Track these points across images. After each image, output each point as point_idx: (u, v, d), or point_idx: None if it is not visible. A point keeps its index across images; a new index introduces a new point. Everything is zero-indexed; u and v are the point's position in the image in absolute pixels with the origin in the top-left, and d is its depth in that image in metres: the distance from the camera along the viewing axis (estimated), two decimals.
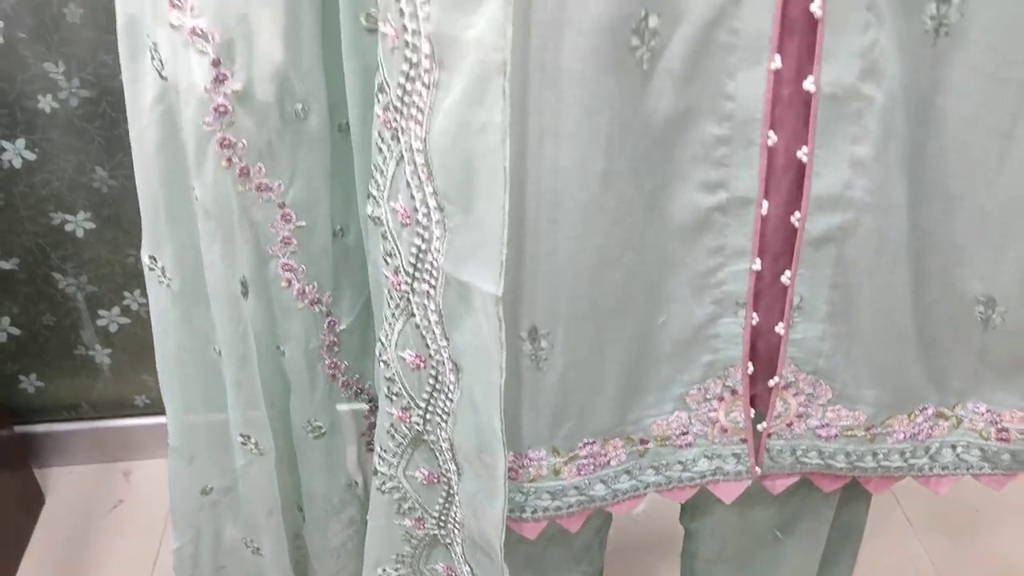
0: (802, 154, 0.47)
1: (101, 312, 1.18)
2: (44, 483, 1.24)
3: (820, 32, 0.44)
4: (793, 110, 0.46)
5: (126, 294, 1.17)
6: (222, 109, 0.50)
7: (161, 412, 1.23)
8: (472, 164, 0.46)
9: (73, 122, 1.03)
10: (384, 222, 0.53)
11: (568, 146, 0.45)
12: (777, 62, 0.45)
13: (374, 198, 0.54)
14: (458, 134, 0.45)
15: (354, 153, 0.56)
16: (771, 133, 0.47)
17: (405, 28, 0.46)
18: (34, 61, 0.98)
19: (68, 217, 1.09)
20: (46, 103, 1.01)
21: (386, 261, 0.54)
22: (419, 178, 0.49)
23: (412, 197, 0.50)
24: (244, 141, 0.52)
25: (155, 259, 0.58)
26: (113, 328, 1.19)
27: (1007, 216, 0.48)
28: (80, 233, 1.11)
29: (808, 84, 0.45)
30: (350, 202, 0.60)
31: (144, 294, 1.16)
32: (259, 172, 0.54)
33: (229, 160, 0.52)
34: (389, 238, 0.53)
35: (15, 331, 1.17)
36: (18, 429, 1.24)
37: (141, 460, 1.28)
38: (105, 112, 1.02)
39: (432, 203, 0.49)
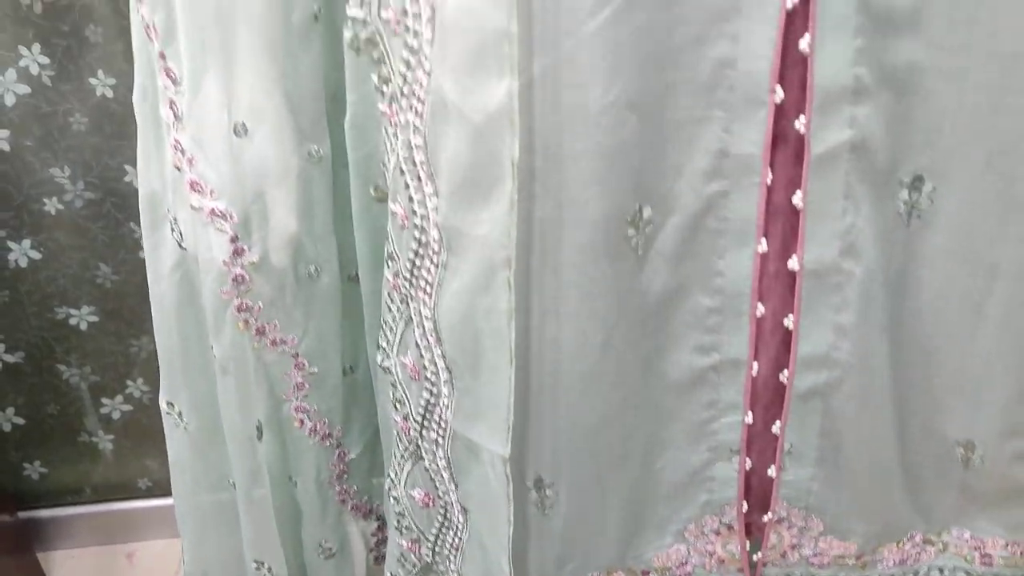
0: (788, 322, 0.51)
1: (104, 400, 1.20)
2: (48, 567, 1.26)
3: (802, 220, 0.47)
4: (779, 283, 0.50)
5: (129, 382, 1.19)
6: (240, 279, 0.54)
7: (164, 494, 1.26)
8: (479, 340, 0.49)
9: (78, 222, 1.06)
10: (394, 373, 0.57)
11: (569, 324, 0.49)
12: (763, 245, 0.48)
13: (384, 349, 0.57)
14: (465, 314, 0.49)
15: (363, 304, 0.60)
16: (760, 305, 0.50)
17: (414, 212, 0.49)
18: (40, 167, 1.01)
19: (72, 311, 1.12)
20: (52, 205, 1.04)
21: (396, 407, 0.58)
22: (428, 341, 0.52)
23: (421, 356, 0.53)
24: (260, 303, 0.56)
25: (172, 404, 0.61)
26: (116, 415, 1.22)
27: (982, 373, 0.52)
28: (84, 326, 1.14)
29: (792, 263, 0.49)
30: (358, 342, 0.64)
31: (147, 382, 1.19)
32: (274, 328, 0.57)
33: (246, 322, 0.56)
34: (399, 387, 0.56)
35: (19, 421, 1.20)
36: (22, 515, 1.26)
37: (144, 541, 1.30)
38: (109, 212, 1.05)
39: (441, 364, 0.52)
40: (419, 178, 0.48)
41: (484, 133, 0.43)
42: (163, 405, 0.62)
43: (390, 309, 0.55)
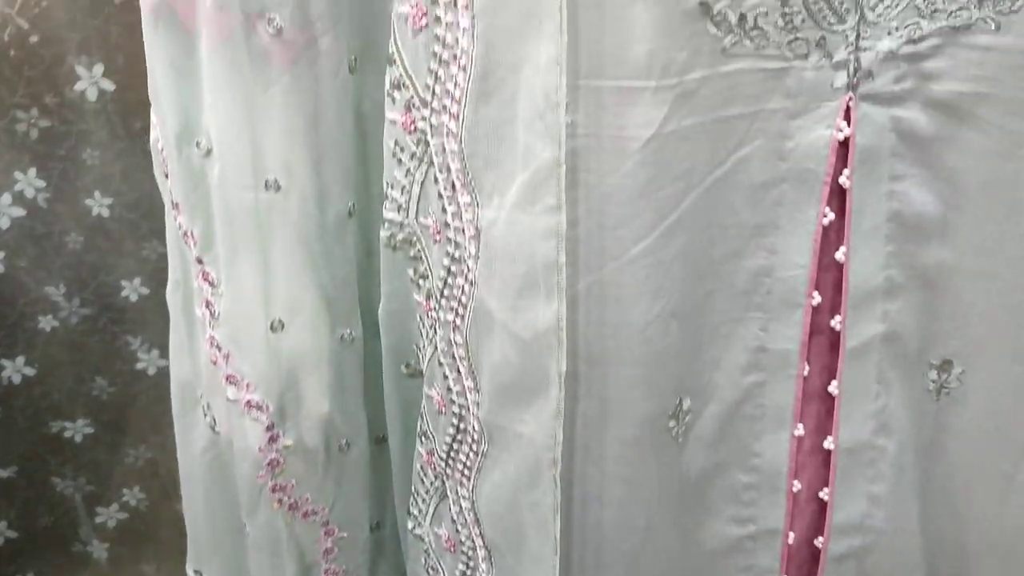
0: (824, 494, 0.52)
1: (99, 510, 1.20)
2: None
3: (837, 406, 0.49)
4: (814, 459, 0.52)
5: (125, 491, 1.19)
6: (275, 463, 0.55)
7: None
8: (522, 529, 0.50)
9: (73, 338, 1.06)
10: (427, 541, 0.58)
11: (611, 509, 0.50)
12: (800, 430, 0.50)
13: (415, 517, 0.58)
14: (508, 504, 0.50)
15: (392, 468, 0.61)
16: (796, 481, 0.52)
17: (452, 401, 0.51)
18: (35, 286, 1.01)
19: (67, 424, 1.12)
20: (46, 322, 1.04)
21: (428, 573, 0.58)
22: (465, 519, 0.53)
23: (457, 531, 0.54)
24: (293, 481, 0.56)
25: (199, 574, 0.62)
26: (111, 524, 1.21)
27: (1012, 534, 0.54)
28: (79, 439, 1.13)
29: (828, 443, 0.51)
30: (385, 500, 0.64)
31: (143, 489, 1.19)
32: (305, 502, 0.58)
33: (280, 501, 0.56)
34: (432, 556, 0.57)
35: (12, 534, 1.19)
36: None
37: None
38: (105, 327, 1.05)
39: (479, 541, 0.53)
40: (459, 371, 0.49)
41: (531, 348, 0.44)
42: (190, 573, 0.62)
43: (423, 481, 0.56)
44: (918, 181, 0.44)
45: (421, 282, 0.51)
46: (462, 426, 0.51)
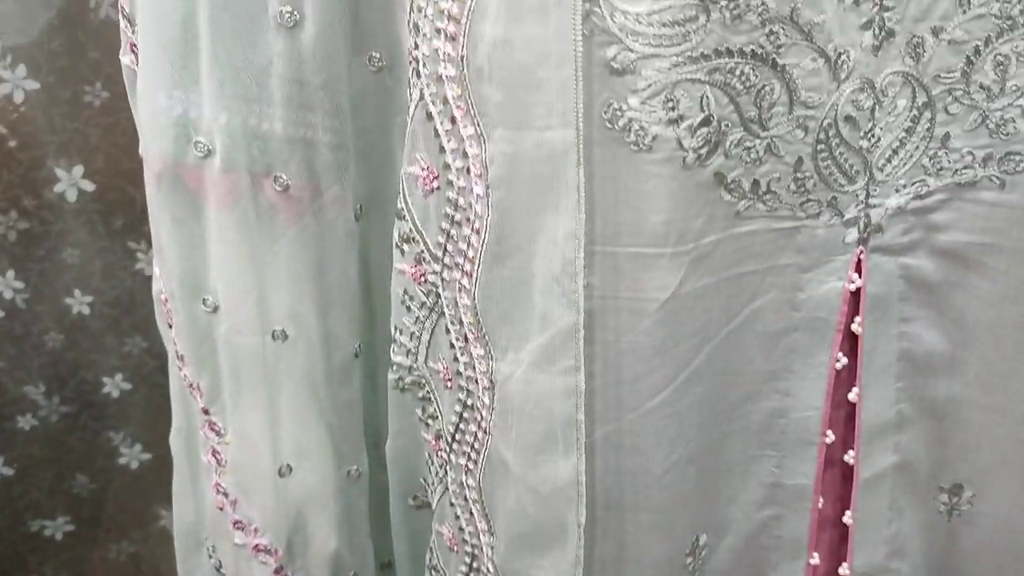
0: None
1: None
2: None
3: (851, 536, 0.50)
4: None
5: None
6: None
7: None
8: None
9: (53, 436, 1.04)
10: None
11: None
12: (815, 559, 0.50)
13: None
14: None
15: None
16: None
17: (465, 541, 0.50)
18: (13, 386, 0.99)
19: (47, 523, 1.09)
20: (25, 422, 1.02)
21: None
22: None
23: None
24: None
25: None
26: None
27: None
28: (59, 536, 1.10)
29: (843, 570, 0.51)
30: None
31: None
32: None
33: None
34: None
35: None
36: None
37: None
38: (86, 424, 1.04)
39: None
40: (471, 513, 0.49)
41: (550, 501, 0.44)
42: None
43: None
44: (927, 323, 0.45)
45: (430, 422, 0.50)
46: (475, 565, 0.50)
